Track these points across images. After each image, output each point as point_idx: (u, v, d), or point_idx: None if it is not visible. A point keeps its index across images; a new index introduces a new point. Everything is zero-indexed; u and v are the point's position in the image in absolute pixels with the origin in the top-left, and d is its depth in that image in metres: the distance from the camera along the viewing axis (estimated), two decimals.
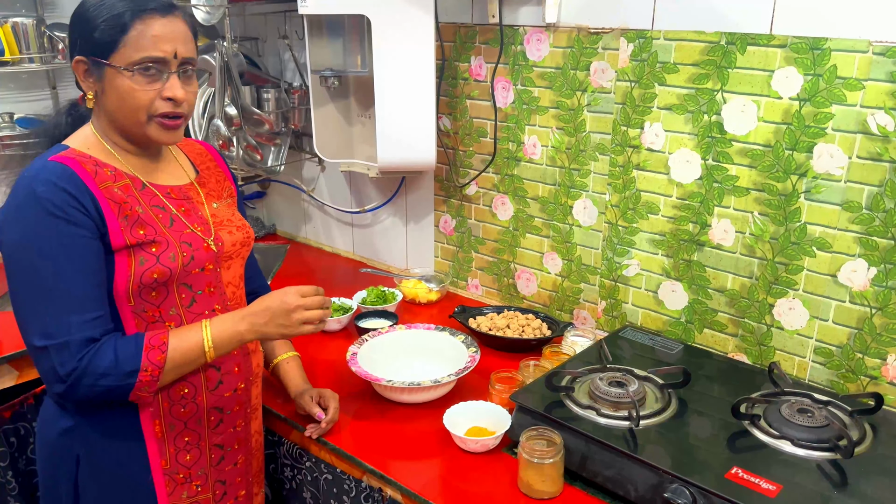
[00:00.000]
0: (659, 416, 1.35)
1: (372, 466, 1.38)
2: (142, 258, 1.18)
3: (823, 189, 1.44)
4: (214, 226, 1.30)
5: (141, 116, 1.18)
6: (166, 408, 1.24)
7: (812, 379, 1.55)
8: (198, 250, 1.24)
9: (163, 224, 1.22)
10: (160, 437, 1.25)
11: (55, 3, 2.36)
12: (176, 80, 1.18)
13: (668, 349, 1.63)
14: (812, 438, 1.25)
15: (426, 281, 2.15)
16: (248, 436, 1.38)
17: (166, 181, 1.29)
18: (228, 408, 1.31)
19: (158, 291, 1.21)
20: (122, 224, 1.17)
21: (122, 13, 1.14)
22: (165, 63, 1.17)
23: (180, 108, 1.20)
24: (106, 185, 1.17)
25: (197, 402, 1.26)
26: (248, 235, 1.38)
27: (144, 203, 1.22)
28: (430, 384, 1.51)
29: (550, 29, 1.76)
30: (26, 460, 1.87)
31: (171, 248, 1.20)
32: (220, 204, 1.37)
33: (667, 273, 1.72)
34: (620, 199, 1.75)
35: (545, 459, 1.25)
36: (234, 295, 1.35)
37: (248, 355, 1.35)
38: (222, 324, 1.22)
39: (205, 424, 1.29)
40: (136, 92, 1.16)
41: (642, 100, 1.65)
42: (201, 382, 1.26)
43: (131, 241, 1.17)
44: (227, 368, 1.30)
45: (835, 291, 1.48)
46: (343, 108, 2.18)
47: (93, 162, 1.19)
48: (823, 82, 1.40)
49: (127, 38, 1.14)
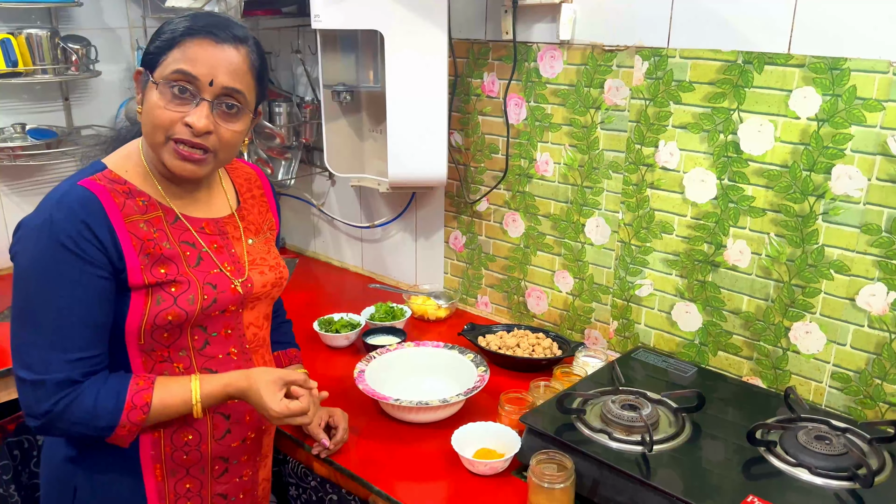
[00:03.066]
0: (673, 441, 1.32)
1: (378, 487, 1.35)
2: (159, 298, 1.12)
3: (842, 211, 1.42)
4: (248, 264, 1.25)
5: (159, 137, 1.10)
6: (168, 453, 1.19)
7: (829, 405, 1.52)
8: (222, 292, 1.18)
9: (188, 263, 1.16)
10: (160, 480, 1.20)
11: (70, 16, 2.37)
12: (205, 108, 1.09)
13: (682, 371, 1.60)
14: (830, 467, 1.22)
15: (435, 297, 2.13)
16: (255, 484, 1.33)
17: (203, 213, 1.22)
18: (235, 458, 1.26)
19: (171, 332, 1.15)
20: (143, 262, 1.11)
21: (177, 30, 1.09)
22: (198, 87, 1.09)
23: (202, 140, 1.10)
24: (132, 220, 1.11)
25: (201, 450, 1.21)
26: (281, 276, 1.31)
27: (173, 238, 1.16)
28: (439, 404, 1.48)
29: (564, 46, 1.75)
30: (29, 473, 1.85)
31: (191, 289, 1.15)
32: (257, 240, 1.30)
33: (681, 294, 1.69)
34: (634, 217, 1.73)
35: (556, 484, 1.22)
36: (256, 337, 1.28)
37: None
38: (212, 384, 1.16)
39: (208, 473, 1.24)
40: (159, 109, 1.09)
41: (657, 118, 1.63)
42: (207, 431, 1.21)
43: (150, 280, 1.11)
44: (237, 417, 1.24)
45: (853, 315, 1.45)
46: (354, 122, 2.17)
47: (125, 189, 1.13)
48: (842, 103, 1.38)
49: (171, 53, 1.09)
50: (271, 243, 1.36)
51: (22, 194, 2.40)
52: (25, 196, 2.41)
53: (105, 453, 1.17)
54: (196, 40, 1.08)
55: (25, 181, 2.40)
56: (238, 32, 1.12)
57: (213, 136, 1.11)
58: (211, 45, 1.09)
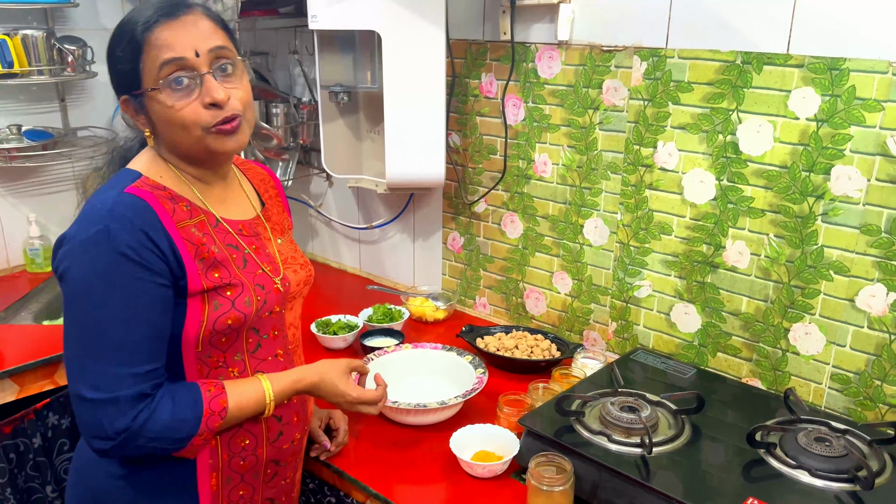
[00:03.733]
0: (672, 443, 1.31)
1: (376, 490, 1.34)
2: (216, 303, 1.10)
3: (841, 212, 1.41)
4: (282, 264, 1.25)
5: (196, 133, 1.09)
6: (225, 460, 1.17)
7: (828, 406, 1.51)
8: (270, 293, 1.18)
9: (237, 265, 1.15)
10: (215, 490, 1.17)
11: (66, 17, 2.36)
12: (211, 80, 1.07)
13: (681, 373, 1.59)
14: (830, 468, 1.21)
15: (433, 299, 2.12)
16: (294, 486, 1.33)
17: (236, 215, 1.21)
18: (284, 459, 1.26)
19: (228, 337, 1.14)
20: (199, 267, 1.09)
21: (132, 36, 1.07)
22: (192, 67, 1.07)
23: (230, 109, 1.09)
24: (183, 225, 1.10)
25: (257, 454, 1.20)
26: (311, 274, 1.32)
27: (219, 242, 1.14)
28: (437, 406, 1.48)
29: (563, 46, 1.74)
30: (25, 477, 1.84)
31: (245, 291, 1.14)
32: (284, 239, 1.31)
33: (680, 295, 1.68)
34: (632, 218, 1.72)
35: (555, 487, 1.21)
36: (294, 337, 1.29)
37: (305, 403, 1.29)
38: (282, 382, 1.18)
39: (261, 477, 1.23)
40: (175, 111, 1.07)
41: (655, 118, 1.62)
42: (262, 433, 1.20)
43: (208, 285, 1.10)
44: (288, 419, 1.24)
45: (852, 316, 1.44)
46: (352, 123, 2.16)
47: (169, 195, 1.11)
48: (842, 103, 1.37)
49: (145, 56, 1.06)
50: (294, 243, 1.36)
51: (18, 195, 2.39)
52: (21, 197, 2.40)
53: (161, 469, 1.14)
54: (156, 29, 1.06)
55: (21, 182, 2.39)
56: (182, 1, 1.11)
57: (233, 101, 1.10)
58: (171, 24, 1.07)
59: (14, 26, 2.21)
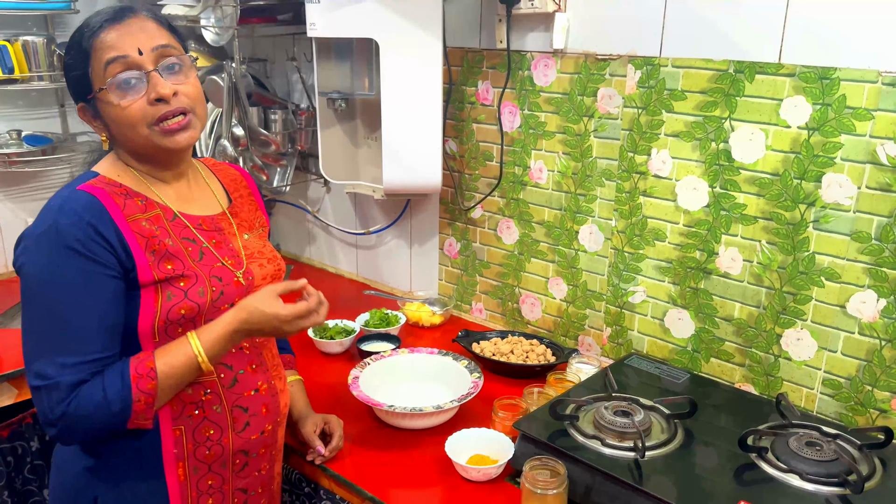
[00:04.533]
0: (665, 447, 1.32)
1: (371, 494, 1.35)
2: (169, 293, 1.13)
3: (832, 219, 1.43)
4: (246, 258, 1.26)
5: (142, 130, 1.13)
6: (191, 450, 1.19)
7: (820, 411, 1.53)
8: (228, 285, 1.20)
9: (192, 258, 1.18)
10: (182, 480, 1.20)
11: (66, 23, 2.38)
12: (156, 77, 1.11)
13: (675, 378, 1.61)
14: (821, 473, 1.23)
15: (430, 304, 2.13)
16: (272, 478, 1.34)
17: (198, 211, 1.25)
18: (254, 450, 1.27)
19: (185, 327, 1.15)
20: (150, 259, 1.12)
21: (80, 43, 1.12)
22: (137, 65, 1.11)
23: (177, 104, 1.13)
24: (135, 218, 1.13)
25: (223, 444, 1.22)
26: (280, 268, 1.34)
27: (174, 235, 1.17)
28: (432, 410, 1.49)
29: (558, 55, 1.76)
30: (23, 480, 1.85)
31: (199, 282, 1.16)
32: (252, 235, 1.33)
33: (673, 301, 1.70)
34: (627, 225, 1.74)
35: (549, 490, 1.22)
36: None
37: (277, 395, 1.30)
38: (211, 333, 1.15)
39: (230, 468, 1.24)
40: (122, 109, 1.11)
41: (649, 126, 1.64)
42: (227, 423, 1.21)
43: (159, 275, 1.12)
44: (255, 410, 1.25)
45: (844, 322, 1.46)
46: (349, 130, 2.18)
47: (123, 191, 1.15)
48: (832, 112, 1.39)
49: (92, 61, 1.11)
50: (265, 239, 1.38)
51: (17, 200, 2.41)
52: (21, 202, 2.41)
53: (127, 458, 1.17)
54: (102, 33, 1.11)
55: (21, 187, 2.40)
56: (127, 7, 1.15)
57: (180, 96, 1.14)
58: (116, 28, 1.12)
59: (14, 32, 2.23)
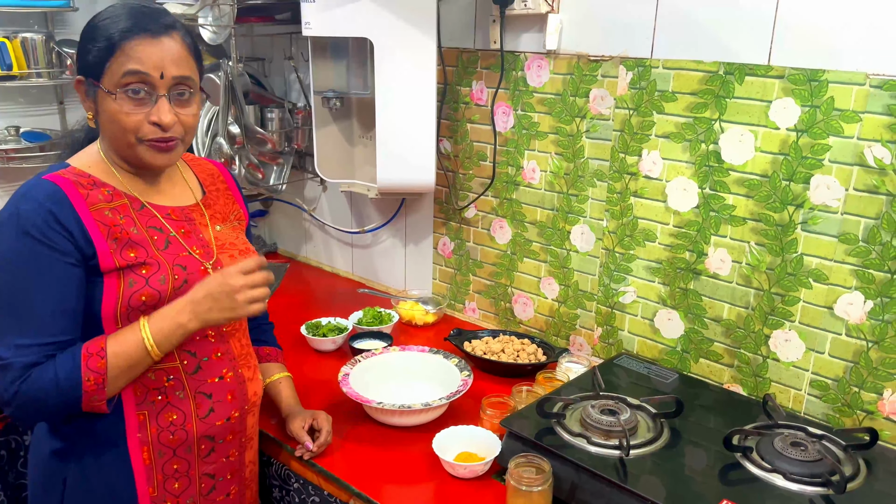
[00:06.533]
0: (650, 446, 1.33)
1: (359, 490, 1.36)
2: (131, 280, 1.15)
3: (820, 220, 1.44)
4: (217, 249, 1.28)
5: (129, 139, 1.16)
6: (154, 434, 1.21)
7: (807, 412, 1.53)
8: (192, 274, 1.21)
9: (157, 246, 1.20)
10: (148, 463, 1.22)
11: (65, 20, 2.40)
12: (164, 103, 1.15)
13: (663, 378, 1.61)
14: (804, 473, 1.24)
15: (423, 303, 2.14)
16: (242, 466, 1.35)
17: (168, 202, 1.27)
18: (221, 437, 1.28)
19: (147, 314, 1.17)
20: (112, 246, 1.15)
21: (112, 34, 1.13)
22: (153, 85, 1.15)
23: (171, 133, 1.17)
24: (97, 207, 1.16)
25: (186, 429, 1.23)
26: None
27: (140, 224, 1.20)
28: (421, 407, 1.50)
29: (551, 56, 1.77)
30: (16, 473, 1.86)
31: (161, 270, 1.18)
32: (225, 227, 1.34)
33: (663, 301, 1.71)
34: (618, 225, 1.74)
35: (533, 487, 1.23)
36: (232, 323, 1.30)
37: (244, 383, 1.31)
38: (162, 320, 1.15)
39: (195, 453, 1.26)
40: (122, 115, 1.14)
41: (640, 127, 1.65)
42: (191, 409, 1.23)
43: (121, 263, 1.15)
44: (219, 396, 1.27)
45: (831, 324, 1.46)
46: (345, 128, 2.19)
47: (90, 181, 1.17)
48: (821, 114, 1.40)
49: (113, 59, 1.13)
50: (240, 231, 1.39)
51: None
52: None
53: (93, 441, 1.20)
54: (135, 40, 1.13)
55: (19, 183, 2.40)
56: (167, 20, 1.17)
57: (177, 126, 1.18)
58: (150, 41, 1.14)
59: (14, 29, 2.24)
